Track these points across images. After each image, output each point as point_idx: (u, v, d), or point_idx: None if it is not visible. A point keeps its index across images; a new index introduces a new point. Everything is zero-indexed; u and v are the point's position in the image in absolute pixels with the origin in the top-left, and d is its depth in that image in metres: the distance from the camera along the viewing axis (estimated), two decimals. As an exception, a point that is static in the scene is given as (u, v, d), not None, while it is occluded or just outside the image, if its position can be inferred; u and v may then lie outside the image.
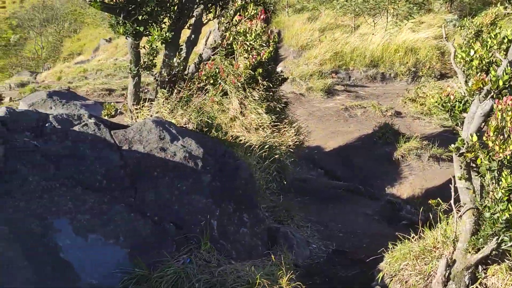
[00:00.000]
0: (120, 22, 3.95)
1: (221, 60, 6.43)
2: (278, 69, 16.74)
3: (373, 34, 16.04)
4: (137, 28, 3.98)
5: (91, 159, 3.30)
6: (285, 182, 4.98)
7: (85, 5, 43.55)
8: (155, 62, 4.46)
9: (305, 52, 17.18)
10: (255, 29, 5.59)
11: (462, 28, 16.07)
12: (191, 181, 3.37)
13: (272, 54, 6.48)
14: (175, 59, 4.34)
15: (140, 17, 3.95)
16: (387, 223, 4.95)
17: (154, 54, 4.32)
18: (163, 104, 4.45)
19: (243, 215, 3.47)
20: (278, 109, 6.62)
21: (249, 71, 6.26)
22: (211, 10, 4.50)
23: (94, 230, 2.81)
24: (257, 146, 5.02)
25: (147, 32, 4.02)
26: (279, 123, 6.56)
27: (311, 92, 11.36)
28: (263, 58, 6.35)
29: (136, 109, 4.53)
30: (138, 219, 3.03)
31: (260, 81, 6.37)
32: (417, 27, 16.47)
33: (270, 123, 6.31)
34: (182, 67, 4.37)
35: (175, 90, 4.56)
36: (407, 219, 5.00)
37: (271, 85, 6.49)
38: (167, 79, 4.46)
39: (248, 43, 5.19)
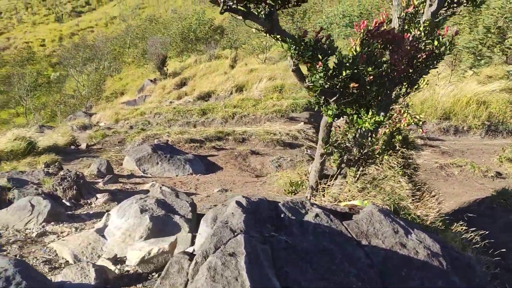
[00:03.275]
0: (330, 104, 3.88)
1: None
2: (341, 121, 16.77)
3: (436, 84, 15.98)
4: (344, 109, 3.90)
5: (338, 257, 3.15)
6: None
7: (124, 45, 44.73)
8: (345, 139, 4.37)
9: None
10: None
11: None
12: (441, 284, 3.18)
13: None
14: (369, 138, 4.24)
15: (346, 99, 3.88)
16: None
17: (348, 134, 4.24)
18: (352, 183, 4.33)
19: (491, 319, 3.27)
20: (413, 176, 6.47)
21: (385, 137, 6.16)
22: (402, 88, 4.43)
23: None
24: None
25: (355, 113, 3.93)
26: (417, 191, 6.39)
27: (395, 146, 11.18)
28: (402, 125, 6.25)
29: (323, 187, 4.42)
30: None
31: (398, 148, 6.26)
32: (481, 79, 16.40)
33: (410, 193, 6.15)
34: (375, 146, 4.27)
35: (360, 168, 4.45)
36: None
37: (407, 151, 6.37)
38: (356, 158, 4.36)
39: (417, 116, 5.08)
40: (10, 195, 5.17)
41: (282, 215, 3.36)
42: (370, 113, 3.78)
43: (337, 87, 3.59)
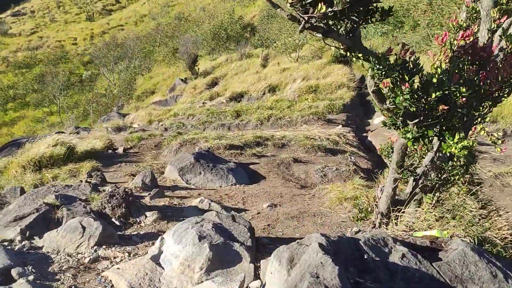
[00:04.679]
0: (408, 126, 3.51)
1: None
2: (380, 117, 16.23)
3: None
4: (425, 132, 3.53)
5: (435, 306, 2.80)
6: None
7: (155, 43, 44.89)
8: (420, 164, 4.00)
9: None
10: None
11: None
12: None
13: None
14: (450, 162, 3.86)
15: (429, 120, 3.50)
16: None
17: (425, 157, 3.87)
18: (429, 211, 3.95)
19: None
20: (478, 192, 6.02)
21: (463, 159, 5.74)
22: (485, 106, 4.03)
23: None
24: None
25: (438, 136, 3.56)
26: (482, 209, 5.95)
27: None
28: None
29: (396, 215, 4.05)
30: None
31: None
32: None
33: (475, 211, 5.71)
34: (456, 172, 3.88)
35: (437, 194, 4.08)
36: None
37: (472, 166, 5.93)
38: (433, 183, 3.98)
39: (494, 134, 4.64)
40: (59, 214, 4.97)
41: (365, 256, 3.02)
42: (456, 137, 3.39)
43: (423, 109, 3.22)
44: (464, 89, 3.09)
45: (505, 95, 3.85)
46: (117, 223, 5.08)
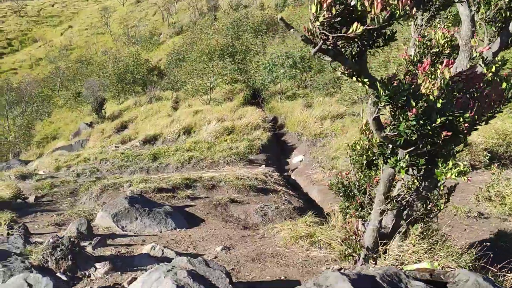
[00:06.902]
0: (397, 155, 3.44)
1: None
2: (299, 157, 16.51)
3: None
4: (417, 161, 3.48)
5: None
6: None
7: (54, 87, 42.54)
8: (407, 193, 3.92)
9: (319, 141, 17.19)
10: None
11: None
12: None
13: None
14: (435, 191, 3.83)
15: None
16: None
17: (412, 187, 3.80)
18: (417, 242, 3.87)
19: None
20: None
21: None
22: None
23: None
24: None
25: (429, 165, 3.52)
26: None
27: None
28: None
29: (385, 249, 3.91)
30: None
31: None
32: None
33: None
34: (442, 202, 3.86)
35: (421, 224, 4.02)
36: None
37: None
38: (419, 214, 3.92)
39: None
40: (-8, 273, 4.18)
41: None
42: (451, 163, 3.37)
43: (425, 136, 3.16)
44: (467, 114, 3.09)
45: (482, 123, 3.95)
46: (64, 278, 4.39)
